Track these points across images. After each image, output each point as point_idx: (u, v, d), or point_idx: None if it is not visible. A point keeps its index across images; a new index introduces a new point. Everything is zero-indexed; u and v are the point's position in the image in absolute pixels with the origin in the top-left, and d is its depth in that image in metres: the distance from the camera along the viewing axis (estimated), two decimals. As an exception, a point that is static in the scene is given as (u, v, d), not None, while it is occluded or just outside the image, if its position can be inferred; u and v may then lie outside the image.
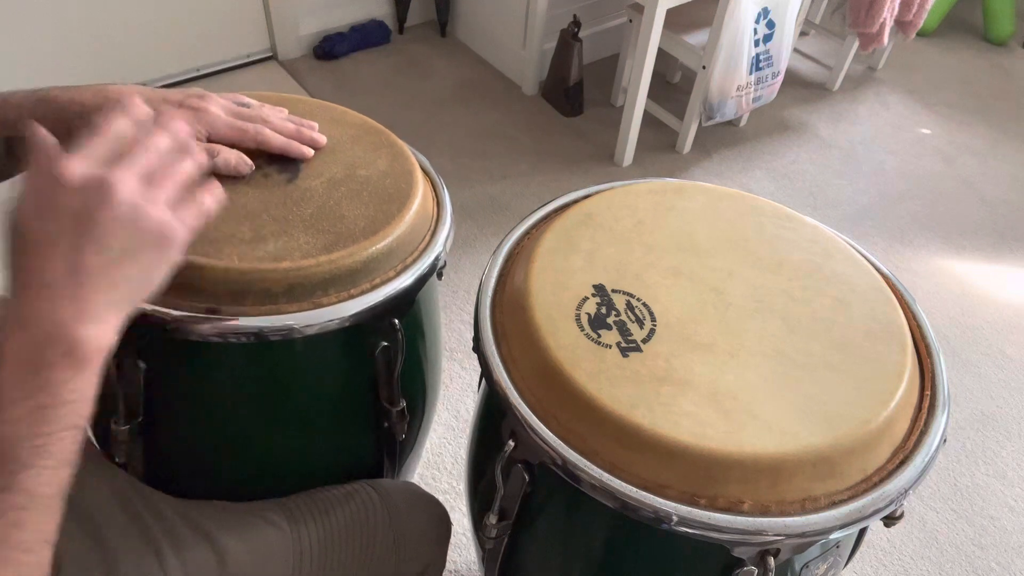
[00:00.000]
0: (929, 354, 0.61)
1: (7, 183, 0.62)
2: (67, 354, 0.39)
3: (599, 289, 0.60)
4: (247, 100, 0.67)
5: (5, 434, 0.38)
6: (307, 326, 0.57)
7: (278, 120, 0.66)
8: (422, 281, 0.64)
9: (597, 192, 0.72)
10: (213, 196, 0.48)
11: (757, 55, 1.82)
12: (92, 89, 0.59)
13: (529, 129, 2.06)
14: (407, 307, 0.66)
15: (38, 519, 0.38)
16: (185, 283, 0.56)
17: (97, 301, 0.41)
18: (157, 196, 0.43)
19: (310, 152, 0.67)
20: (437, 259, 0.66)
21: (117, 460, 0.64)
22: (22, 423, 0.38)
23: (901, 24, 2.13)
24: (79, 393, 0.40)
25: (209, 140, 0.62)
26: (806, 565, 0.58)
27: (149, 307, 0.55)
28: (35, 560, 0.38)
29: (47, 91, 0.59)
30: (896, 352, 0.58)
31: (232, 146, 0.62)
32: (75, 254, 0.40)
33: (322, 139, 0.68)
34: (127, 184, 0.41)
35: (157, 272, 0.44)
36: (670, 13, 1.70)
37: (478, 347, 0.59)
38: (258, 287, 0.57)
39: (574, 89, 2.06)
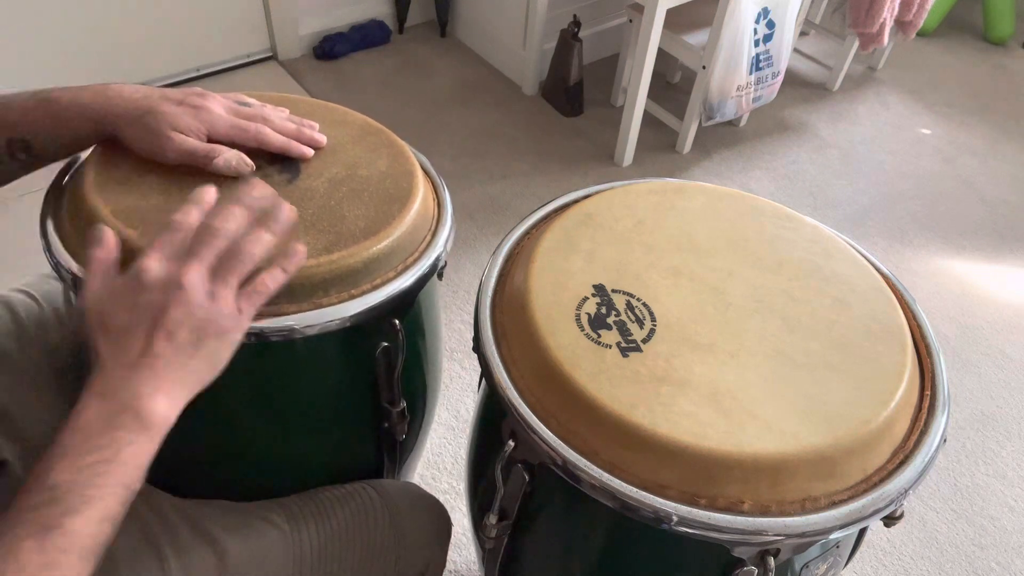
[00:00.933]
0: (929, 354, 0.61)
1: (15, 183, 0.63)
2: (136, 419, 0.44)
3: (599, 289, 0.60)
4: (248, 100, 0.67)
5: (67, 480, 0.41)
6: (308, 327, 0.57)
7: (279, 120, 0.66)
8: (423, 281, 0.64)
9: (597, 192, 0.72)
10: (275, 278, 0.52)
11: (757, 55, 1.82)
12: (92, 89, 0.60)
13: (529, 129, 2.06)
14: (408, 307, 0.66)
15: (71, 565, 0.40)
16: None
17: (169, 379, 0.46)
18: (223, 292, 0.49)
19: (310, 152, 0.67)
20: (438, 259, 0.66)
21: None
22: (83, 473, 0.42)
23: (901, 24, 2.13)
24: (137, 458, 0.44)
25: (209, 139, 0.62)
26: (806, 565, 0.58)
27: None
28: None
29: (48, 92, 0.59)
30: (896, 352, 0.58)
31: (232, 145, 0.62)
32: (150, 342, 0.46)
33: (322, 139, 0.68)
34: (197, 285, 0.48)
35: (220, 357, 0.49)
36: (670, 13, 1.70)
37: (478, 347, 0.59)
38: (258, 287, 0.56)
39: (574, 89, 2.06)
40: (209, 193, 0.53)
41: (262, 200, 0.53)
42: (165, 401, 0.46)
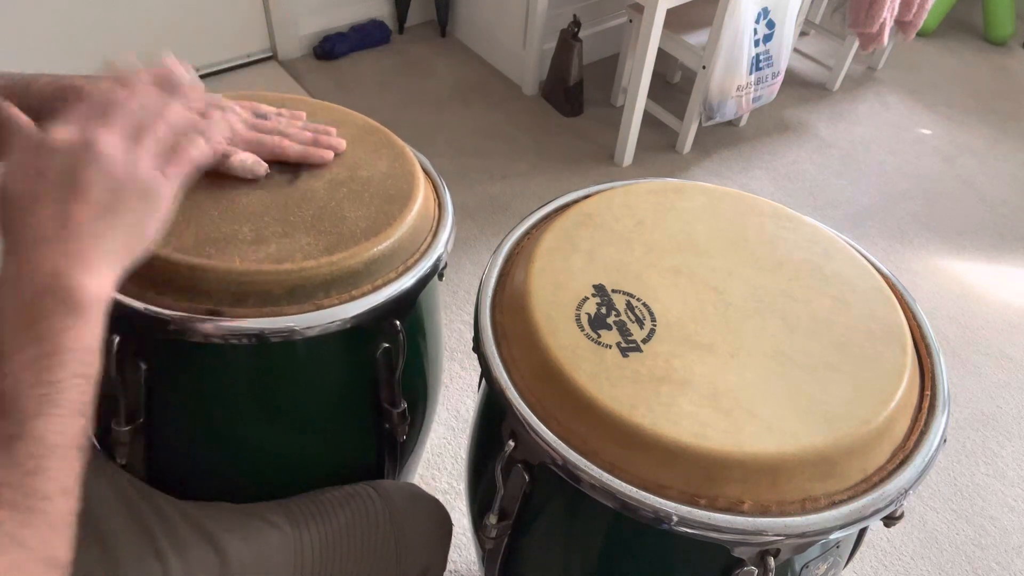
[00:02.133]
0: (929, 354, 0.61)
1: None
2: (63, 301, 0.40)
3: (599, 289, 0.60)
4: (265, 109, 0.66)
5: (8, 386, 0.38)
6: (308, 327, 0.57)
7: (296, 130, 0.66)
8: (424, 282, 0.64)
9: (597, 192, 0.72)
10: (197, 145, 0.48)
11: (757, 55, 1.82)
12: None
13: (529, 129, 2.06)
14: (408, 308, 0.66)
15: (54, 467, 0.38)
16: (186, 284, 0.56)
17: (90, 251, 0.42)
18: (140, 152, 0.45)
19: (330, 155, 0.66)
20: (439, 260, 0.66)
21: (118, 461, 0.64)
22: (25, 372, 0.38)
23: (901, 24, 2.13)
24: (81, 342, 0.40)
25: None
26: (806, 565, 0.58)
27: (151, 308, 0.55)
28: (57, 509, 0.38)
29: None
30: (896, 352, 0.58)
31: None
32: (62, 208, 0.41)
33: (341, 143, 0.68)
34: (109, 141, 0.43)
35: (147, 224, 0.45)
36: (670, 13, 1.70)
37: (478, 347, 0.59)
38: (259, 288, 0.57)
39: (574, 89, 2.06)
40: (136, 74, 0.49)
41: (177, 77, 0.50)
42: (90, 275, 0.41)
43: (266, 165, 0.63)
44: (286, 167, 0.66)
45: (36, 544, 0.37)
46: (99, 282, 0.42)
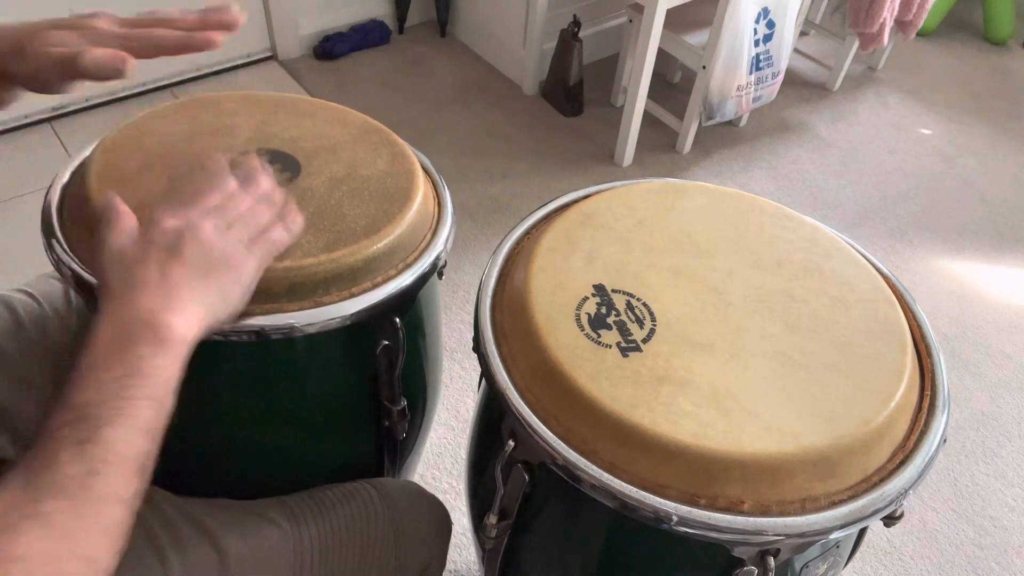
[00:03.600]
0: (929, 354, 0.61)
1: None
2: (153, 333, 0.46)
3: (599, 289, 0.60)
4: (164, 12, 0.56)
5: (92, 398, 0.42)
6: (308, 325, 0.57)
7: (179, 15, 0.56)
8: (423, 280, 0.64)
9: (597, 192, 0.72)
10: (286, 231, 0.56)
11: (757, 55, 1.82)
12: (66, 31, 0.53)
13: (529, 129, 2.06)
14: (408, 306, 0.66)
15: (115, 474, 0.41)
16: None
17: (182, 299, 0.48)
18: (231, 235, 0.52)
19: (219, 38, 0.55)
20: (438, 258, 0.66)
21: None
22: (108, 387, 0.43)
23: (901, 24, 2.13)
24: (161, 372, 0.45)
25: None
26: (806, 565, 0.58)
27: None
28: (111, 514, 0.41)
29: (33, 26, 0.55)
30: (896, 352, 0.58)
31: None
32: (163, 267, 0.48)
33: (236, 16, 0.56)
34: (208, 224, 0.51)
35: (232, 291, 0.52)
36: (670, 13, 1.70)
37: (478, 347, 0.59)
38: (260, 286, 0.56)
39: (574, 89, 2.06)
40: (230, 181, 0.56)
41: (264, 186, 0.58)
42: (180, 317, 0.47)
43: (127, 58, 0.51)
44: (287, 165, 0.66)
45: (82, 540, 0.39)
46: (186, 325, 0.48)
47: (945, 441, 0.55)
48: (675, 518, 0.49)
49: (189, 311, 0.48)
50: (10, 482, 0.39)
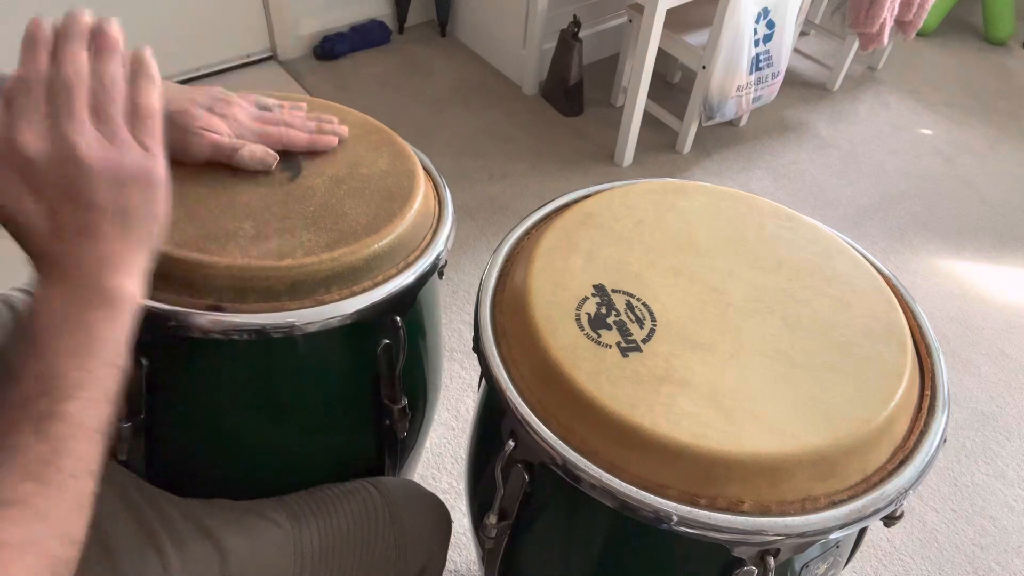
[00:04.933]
0: (929, 354, 0.61)
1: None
2: (100, 296, 0.43)
3: (599, 289, 0.60)
4: (268, 102, 0.68)
5: (50, 369, 0.41)
6: (309, 323, 0.57)
7: (300, 121, 0.68)
8: (424, 279, 0.64)
9: (597, 192, 0.72)
10: (148, 92, 0.47)
11: (757, 55, 1.82)
12: None
13: (529, 129, 2.06)
14: (409, 304, 0.66)
15: (82, 448, 0.40)
16: (188, 280, 0.56)
17: (116, 251, 0.44)
18: (117, 140, 0.44)
19: (335, 141, 0.69)
20: (439, 257, 0.66)
21: (119, 457, 0.64)
22: (63, 358, 0.41)
23: (901, 24, 2.13)
24: (114, 333, 0.43)
25: None
26: (806, 565, 0.58)
27: (152, 304, 0.55)
28: (81, 487, 0.40)
29: None
30: (896, 352, 0.58)
31: None
32: (77, 219, 0.43)
33: (344, 130, 0.70)
34: (91, 142, 0.43)
35: (156, 207, 0.47)
36: (670, 13, 1.70)
37: (478, 347, 0.59)
38: (260, 284, 0.57)
39: (574, 89, 2.06)
40: (38, 30, 0.48)
41: (88, 25, 0.49)
42: (122, 274, 0.44)
43: (276, 156, 0.65)
44: (288, 164, 0.66)
45: (57, 519, 0.38)
46: (129, 279, 0.45)
47: (945, 441, 0.55)
48: (675, 518, 0.49)
49: (130, 262, 0.45)
50: None
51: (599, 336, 0.56)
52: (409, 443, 0.80)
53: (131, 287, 0.45)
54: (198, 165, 0.62)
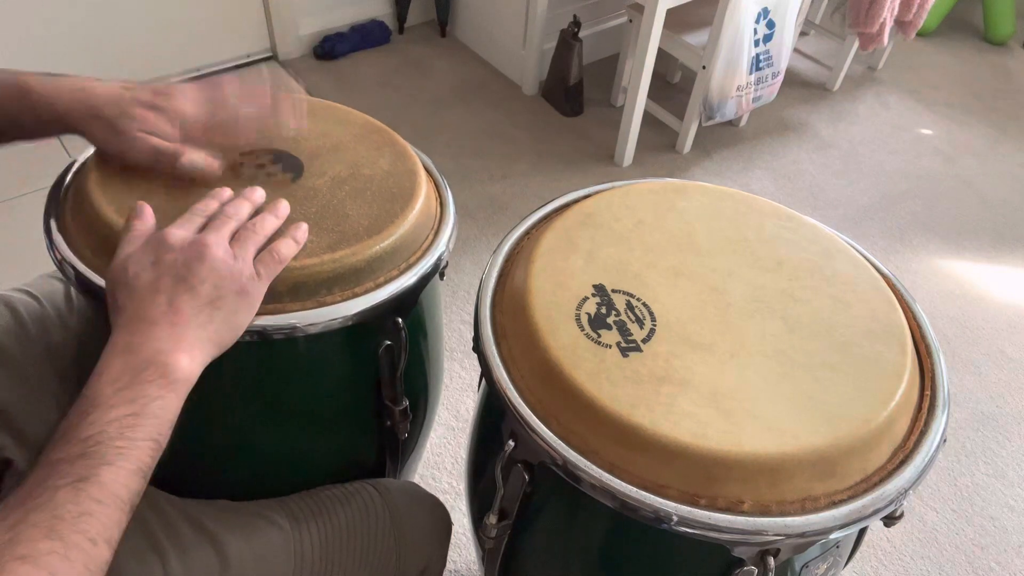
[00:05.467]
0: (929, 354, 0.61)
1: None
2: (161, 375, 0.46)
3: (599, 289, 0.60)
4: (225, 87, 0.65)
5: (95, 433, 0.43)
6: (310, 325, 0.57)
7: (259, 98, 0.66)
8: (425, 280, 0.64)
9: (597, 192, 0.72)
10: (288, 247, 0.56)
11: (757, 55, 1.82)
12: (70, 90, 0.59)
13: (529, 129, 2.06)
14: (411, 306, 0.66)
15: (107, 515, 0.41)
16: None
17: (190, 337, 0.48)
18: (241, 255, 0.53)
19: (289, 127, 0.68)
20: (440, 258, 0.66)
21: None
22: (111, 426, 0.43)
23: (901, 24, 2.13)
24: (164, 412, 0.46)
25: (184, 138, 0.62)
26: (806, 565, 0.58)
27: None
28: (98, 554, 0.41)
29: (27, 79, 0.59)
30: (896, 352, 0.58)
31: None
32: (173, 298, 0.49)
33: (302, 119, 0.69)
34: (219, 245, 0.52)
35: (240, 316, 0.52)
36: (670, 13, 1.70)
37: (478, 347, 0.59)
38: (260, 286, 0.57)
39: (574, 89, 2.06)
40: (225, 191, 0.58)
41: (261, 196, 0.59)
42: (186, 357, 0.48)
43: (218, 162, 0.63)
44: (289, 166, 0.66)
45: None
46: (191, 363, 0.48)
47: (945, 441, 0.55)
48: (675, 518, 0.49)
49: (196, 348, 0.49)
50: (4, 515, 0.39)
51: (599, 336, 0.56)
52: (410, 444, 0.80)
53: (190, 369, 0.48)
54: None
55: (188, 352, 0.48)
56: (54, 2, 1.75)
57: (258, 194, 0.59)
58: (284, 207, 0.59)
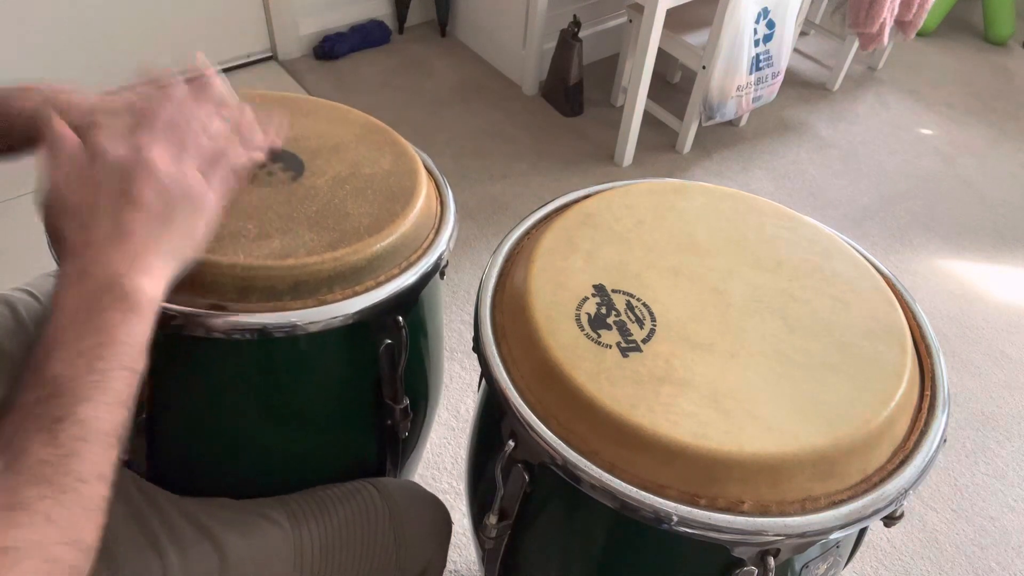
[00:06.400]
0: (929, 354, 0.61)
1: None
2: (121, 298, 0.43)
3: (599, 289, 0.60)
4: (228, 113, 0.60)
5: (65, 371, 0.40)
6: (311, 323, 0.57)
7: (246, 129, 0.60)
8: (426, 279, 0.64)
9: (597, 192, 0.72)
10: (239, 153, 0.52)
11: (757, 55, 1.82)
12: (44, 97, 0.58)
13: (529, 129, 2.06)
14: (411, 304, 0.66)
15: (94, 452, 0.40)
16: (190, 279, 0.56)
17: (145, 254, 0.45)
18: (187, 163, 0.48)
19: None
20: (441, 257, 0.66)
21: (120, 457, 0.64)
22: (79, 360, 0.41)
23: (901, 24, 2.13)
24: (133, 337, 0.43)
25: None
26: (806, 565, 0.58)
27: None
28: (92, 492, 0.39)
29: (5, 95, 0.58)
30: (896, 352, 0.58)
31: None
32: (118, 216, 0.45)
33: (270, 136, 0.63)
34: (158, 155, 0.47)
35: (196, 229, 0.49)
36: (670, 13, 1.70)
37: (478, 347, 0.59)
38: (263, 284, 0.57)
39: (574, 89, 2.06)
40: (175, 84, 0.53)
41: (214, 87, 0.54)
42: (146, 276, 0.44)
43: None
44: (289, 164, 0.66)
45: (66, 524, 0.38)
46: (153, 283, 0.45)
47: (945, 441, 0.55)
48: (675, 518, 0.49)
49: (156, 267, 0.45)
50: None
51: (599, 336, 0.56)
52: (410, 443, 0.80)
53: (152, 290, 0.45)
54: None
55: (146, 272, 0.44)
56: (53, 2, 1.75)
57: (213, 92, 0.54)
58: (236, 108, 0.54)
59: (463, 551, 1.20)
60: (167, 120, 0.49)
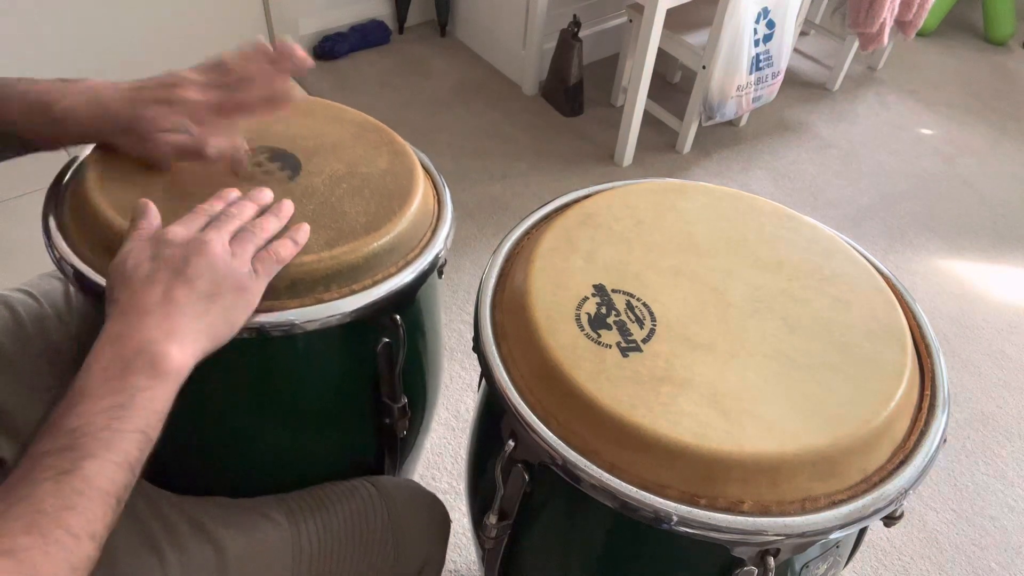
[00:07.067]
0: (929, 354, 0.61)
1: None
2: (150, 364, 0.45)
3: (599, 289, 0.60)
4: (224, 64, 0.63)
5: (81, 425, 0.42)
6: (309, 322, 0.57)
7: (260, 71, 0.62)
8: (423, 277, 0.64)
9: (597, 192, 0.72)
10: (286, 247, 0.56)
11: (757, 55, 1.82)
12: (86, 97, 0.59)
13: (529, 129, 2.06)
14: (409, 303, 0.66)
15: (90, 509, 0.40)
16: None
17: (183, 328, 0.48)
18: (240, 254, 0.53)
19: (296, 94, 0.64)
20: (438, 256, 0.66)
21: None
22: (97, 417, 0.42)
23: (901, 24, 2.13)
24: (153, 403, 0.45)
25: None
26: (806, 565, 0.58)
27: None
28: (81, 550, 0.39)
29: (48, 93, 0.59)
30: (896, 352, 0.58)
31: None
32: (169, 289, 0.48)
33: (302, 55, 0.63)
34: (217, 242, 0.52)
35: (236, 314, 0.52)
36: (670, 13, 1.70)
37: (478, 347, 0.59)
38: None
39: (574, 89, 2.06)
40: (231, 191, 0.58)
41: (268, 197, 0.59)
42: (178, 348, 0.47)
43: (244, 144, 0.64)
44: (287, 164, 0.66)
45: None
46: (183, 354, 0.47)
47: (945, 441, 0.55)
48: (675, 518, 0.49)
49: (189, 340, 0.48)
50: None
51: (599, 336, 0.56)
52: (409, 442, 0.80)
53: (180, 360, 0.47)
54: (200, 164, 0.62)
55: (179, 343, 0.47)
56: (54, 2, 1.75)
57: (264, 195, 0.59)
58: (287, 208, 0.59)
59: (463, 551, 1.20)
60: (231, 217, 0.55)
